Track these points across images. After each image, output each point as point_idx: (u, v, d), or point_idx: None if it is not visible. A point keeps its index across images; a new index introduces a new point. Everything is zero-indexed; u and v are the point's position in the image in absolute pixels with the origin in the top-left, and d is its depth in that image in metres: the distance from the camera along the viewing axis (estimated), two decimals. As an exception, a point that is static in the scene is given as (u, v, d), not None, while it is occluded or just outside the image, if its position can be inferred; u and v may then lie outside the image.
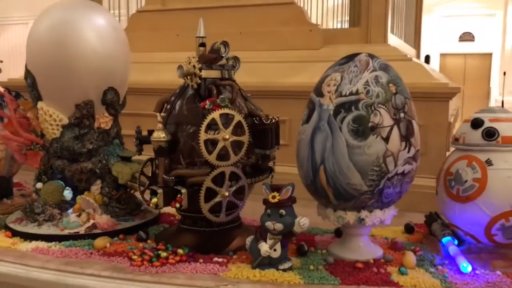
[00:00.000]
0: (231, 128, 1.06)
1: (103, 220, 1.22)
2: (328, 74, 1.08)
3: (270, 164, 1.22)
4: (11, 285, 1.08)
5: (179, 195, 1.07)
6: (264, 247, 1.01)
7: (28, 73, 1.28)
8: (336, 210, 1.08)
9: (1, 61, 1.48)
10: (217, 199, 1.07)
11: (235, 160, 1.07)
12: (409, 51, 2.60)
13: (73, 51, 1.22)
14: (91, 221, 1.22)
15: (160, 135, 1.08)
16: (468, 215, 1.09)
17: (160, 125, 1.09)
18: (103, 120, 1.30)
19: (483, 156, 1.07)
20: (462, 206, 1.08)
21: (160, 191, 1.08)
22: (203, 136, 1.03)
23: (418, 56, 3.08)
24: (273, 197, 1.01)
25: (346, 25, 2.82)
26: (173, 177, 1.09)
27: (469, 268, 1.01)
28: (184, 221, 1.19)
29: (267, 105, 1.60)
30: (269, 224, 1.00)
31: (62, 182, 1.33)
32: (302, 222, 1.00)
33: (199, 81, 1.10)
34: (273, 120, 1.15)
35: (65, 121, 1.28)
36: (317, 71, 1.77)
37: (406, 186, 1.06)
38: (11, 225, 1.25)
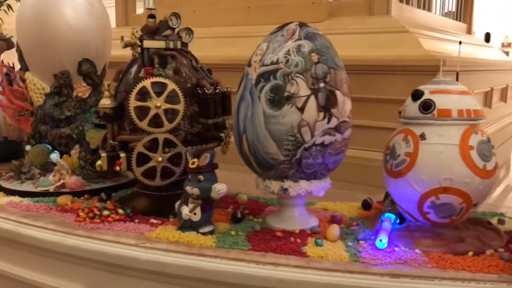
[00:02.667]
0: (164, 96, 1.10)
1: (71, 180, 1.33)
2: (260, 44, 1.08)
3: (222, 134, 1.26)
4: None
5: (120, 159, 1.14)
6: (185, 211, 1.05)
7: (17, 46, 1.42)
8: (264, 180, 1.09)
9: (11, 36, 1.64)
10: (150, 164, 1.12)
11: (170, 128, 1.11)
12: (447, 25, 2.44)
13: (48, 26, 1.33)
14: (61, 181, 1.34)
15: (105, 102, 1.16)
16: (401, 191, 1.04)
17: (106, 93, 1.17)
18: (80, 90, 1.40)
19: (419, 129, 1.02)
20: (395, 182, 1.04)
21: (103, 154, 1.16)
22: (133, 103, 1.09)
23: (469, 31, 2.86)
24: (193, 163, 1.04)
25: None
26: (117, 142, 1.17)
27: (385, 244, 0.98)
28: (139, 185, 1.27)
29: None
30: (188, 188, 1.04)
31: (49, 146, 1.46)
32: (218, 188, 1.03)
33: (139, 50, 1.15)
34: (217, 91, 1.18)
35: (48, 89, 1.40)
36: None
37: (331, 158, 1.04)
38: (0, 182, 1.41)
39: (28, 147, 1.46)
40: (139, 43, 1.15)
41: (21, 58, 1.42)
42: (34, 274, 1.16)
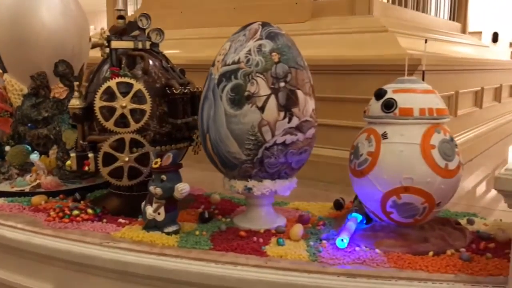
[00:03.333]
0: (129, 96, 1.11)
1: (47, 180, 1.35)
2: (224, 43, 1.08)
3: (194, 134, 1.26)
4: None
5: (88, 159, 1.15)
6: (149, 210, 1.06)
7: (-5, 47, 1.44)
8: (230, 179, 1.09)
9: None
10: (117, 164, 1.13)
11: (136, 128, 1.12)
12: (440, 25, 2.42)
13: (23, 26, 1.35)
14: (37, 181, 1.35)
15: (75, 103, 1.17)
16: (364, 191, 1.04)
17: (76, 94, 1.18)
18: (57, 91, 1.42)
19: (381, 129, 1.01)
20: (358, 181, 1.04)
21: (73, 154, 1.17)
22: (98, 103, 1.10)
23: (463, 31, 2.84)
24: (156, 163, 1.05)
25: None
26: (86, 142, 1.18)
27: (345, 244, 0.97)
28: (111, 185, 1.27)
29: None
30: (151, 188, 1.04)
31: (28, 146, 1.48)
32: (181, 188, 1.03)
33: (107, 51, 1.16)
34: (186, 91, 1.19)
35: (26, 91, 1.42)
36: (299, 44, 1.75)
37: (294, 157, 1.04)
38: (-21, 182, 1.43)
39: (7, 148, 1.48)
40: (106, 44, 1.15)
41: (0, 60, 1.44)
42: (5, 273, 1.17)
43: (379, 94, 1.03)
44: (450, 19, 2.86)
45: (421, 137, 0.97)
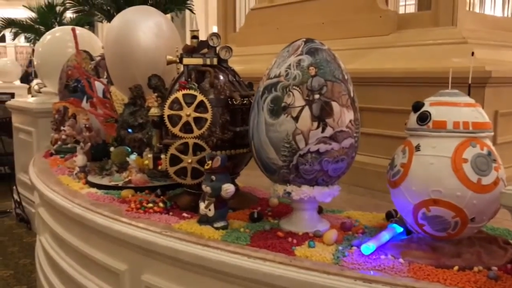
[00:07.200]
0: (193, 106, 1.26)
1: (137, 177, 1.57)
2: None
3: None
4: (59, 211, 1.53)
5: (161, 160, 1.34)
6: (201, 206, 1.20)
7: (106, 64, 1.72)
8: (274, 184, 1.18)
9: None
10: (181, 164, 1.29)
11: (199, 134, 1.27)
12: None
13: (124, 47, 1.60)
14: (129, 178, 1.58)
15: (153, 111, 1.36)
16: (398, 202, 1.06)
17: (155, 103, 1.37)
18: (151, 101, 1.64)
19: (416, 141, 1.03)
20: (393, 192, 1.06)
21: (149, 155, 1.37)
22: (166, 111, 1.27)
23: None
24: (207, 164, 1.18)
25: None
26: (162, 145, 1.36)
27: (370, 251, 1.00)
28: (185, 184, 1.44)
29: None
30: (203, 186, 1.18)
31: (128, 148, 1.73)
32: (226, 188, 1.15)
33: (179, 67, 1.33)
34: (245, 102, 1.31)
35: (126, 100, 1.67)
36: (381, 57, 1.78)
37: (330, 165, 1.09)
38: (89, 176, 1.71)
39: (112, 148, 1.75)
40: (178, 61, 1.33)
41: (107, 74, 1.72)
42: (93, 250, 1.41)
43: (416, 106, 1.05)
44: None
45: (454, 150, 0.97)
